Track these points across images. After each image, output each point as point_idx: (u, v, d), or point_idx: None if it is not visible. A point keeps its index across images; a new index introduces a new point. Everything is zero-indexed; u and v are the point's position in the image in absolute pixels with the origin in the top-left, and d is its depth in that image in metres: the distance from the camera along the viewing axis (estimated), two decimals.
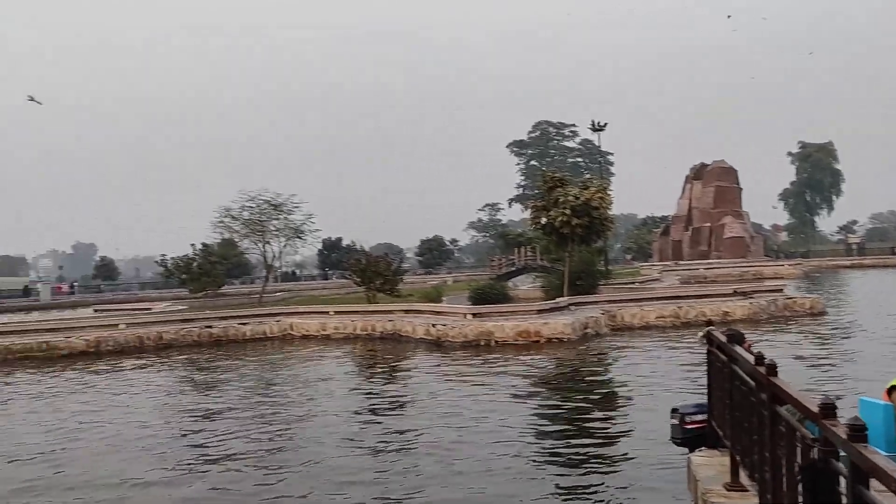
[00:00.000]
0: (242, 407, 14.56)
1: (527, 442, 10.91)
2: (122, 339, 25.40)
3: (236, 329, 27.09)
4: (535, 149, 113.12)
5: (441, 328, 23.26)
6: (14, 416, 14.85)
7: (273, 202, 36.81)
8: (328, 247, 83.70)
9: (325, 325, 26.99)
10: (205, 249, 47.97)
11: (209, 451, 11.09)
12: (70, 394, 17.19)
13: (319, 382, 17.56)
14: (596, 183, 30.97)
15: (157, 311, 34.57)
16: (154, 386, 18.09)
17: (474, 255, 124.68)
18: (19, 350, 24.10)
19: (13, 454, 11.48)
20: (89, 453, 11.31)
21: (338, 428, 12.27)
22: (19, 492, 9.47)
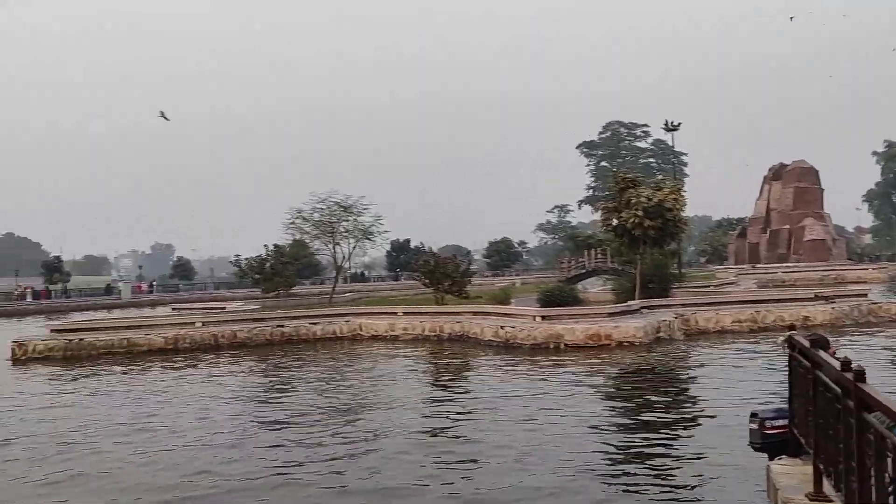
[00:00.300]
0: (313, 405, 14.74)
1: (598, 445, 10.71)
2: (198, 336, 26.12)
3: (307, 329, 27.51)
4: (606, 149, 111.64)
5: (510, 330, 23.12)
6: (94, 409, 15.37)
7: (343, 204, 37.34)
8: (396, 248, 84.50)
9: (394, 326, 27.16)
10: (277, 250, 49.03)
11: (281, 447, 11.27)
12: (150, 389, 17.72)
13: (388, 382, 17.67)
14: (669, 184, 30.30)
15: (230, 310, 35.43)
16: (228, 383, 18.50)
17: (543, 257, 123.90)
18: (103, 346, 25.04)
19: (94, 445, 11.88)
20: (167, 446, 11.61)
21: (408, 426, 12.30)
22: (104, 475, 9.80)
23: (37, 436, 12.72)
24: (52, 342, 25.05)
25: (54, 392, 18.22)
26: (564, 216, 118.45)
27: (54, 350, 24.66)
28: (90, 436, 12.57)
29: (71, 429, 13.32)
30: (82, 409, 15.42)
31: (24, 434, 12.92)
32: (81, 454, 11.33)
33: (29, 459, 11.11)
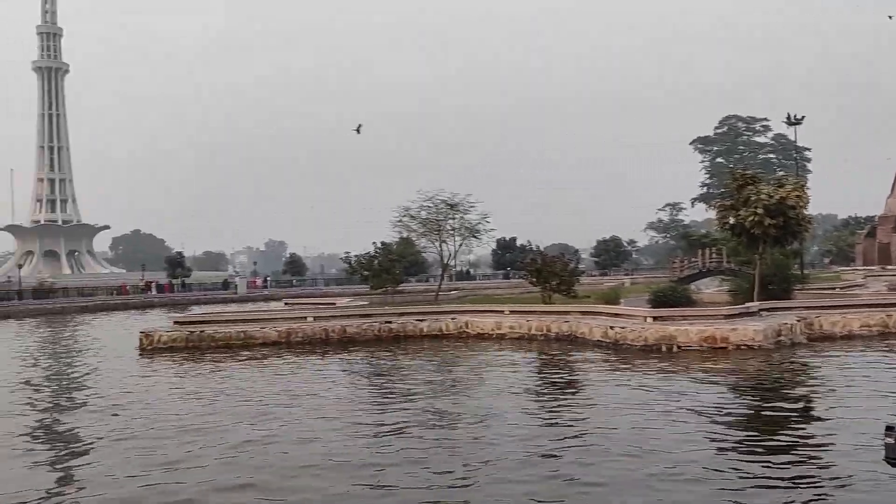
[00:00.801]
0: (419, 401, 14.76)
1: (718, 452, 10.16)
2: (309, 331, 26.78)
3: (414, 325, 27.71)
4: (722, 145, 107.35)
5: (619, 331, 22.50)
6: (216, 396, 15.95)
7: (449, 202, 37.40)
8: (502, 246, 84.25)
9: (500, 325, 26.95)
10: (384, 248, 49.76)
11: (384, 441, 11.29)
12: (265, 379, 18.26)
13: (495, 382, 17.48)
14: (792, 180, 28.69)
15: (340, 306, 36.18)
16: (339, 376, 18.82)
17: (653, 256, 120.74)
18: (221, 338, 26.07)
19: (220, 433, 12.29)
20: (280, 436, 11.86)
21: (514, 426, 12.09)
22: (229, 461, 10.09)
23: (164, 419, 13.32)
24: (176, 334, 26.30)
25: (178, 380, 19.09)
26: (676, 214, 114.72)
27: (177, 341, 25.88)
28: (215, 420, 13.07)
29: (196, 413, 13.93)
30: (205, 396, 16.10)
31: (153, 417, 13.56)
32: (207, 435, 11.78)
33: (155, 439, 11.63)
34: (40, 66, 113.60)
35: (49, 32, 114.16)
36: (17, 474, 10.32)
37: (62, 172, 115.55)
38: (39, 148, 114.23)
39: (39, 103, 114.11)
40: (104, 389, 17.79)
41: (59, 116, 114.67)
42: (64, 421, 14.31)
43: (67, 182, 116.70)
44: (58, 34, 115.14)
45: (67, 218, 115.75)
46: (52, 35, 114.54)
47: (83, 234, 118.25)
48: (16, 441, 12.36)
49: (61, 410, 15.59)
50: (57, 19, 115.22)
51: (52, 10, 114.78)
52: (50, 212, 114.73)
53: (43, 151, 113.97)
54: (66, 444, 12.34)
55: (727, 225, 28.13)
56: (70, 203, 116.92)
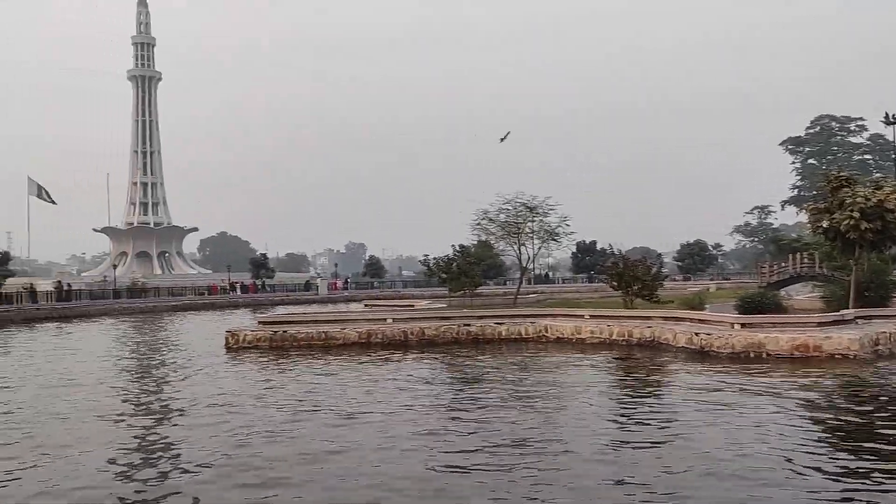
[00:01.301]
0: (497, 405, 14.64)
1: (817, 470, 9.66)
2: (389, 332, 27.00)
3: (493, 328, 27.59)
4: (814, 146, 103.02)
5: (705, 337, 21.84)
6: (299, 395, 16.23)
7: (528, 205, 37.11)
8: (582, 249, 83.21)
9: (580, 329, 26.55)
10: (463, 250, 49.83)
11: (460, 441, 11.22)
12: (346, 380, 18.48)
13: (577, 387, 17.20)
14: (890, 182, 27.24)
15: (419, 308, 36.43)
16: (419, 378, 18.87)
17: (740, 261, 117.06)
18: (303, 338, 26.59)
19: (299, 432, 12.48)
20: (364, 433, 11.95)
21: (594, 435, 11.83)
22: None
23: (252, 419, 13.63)
24: (260, 333, 26.97)
25: (263, 378, 19.52)
26: (765, 218, 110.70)
27: (261, 340, 26.53)
28: (295, 418, 13.27)
29: (279, 409, 14.20)
30: (289, 393, 16.42)
31: (239, 416, 13.90)
32: (294, 438, 11.97)
33: (248, 434, 11.90)
34: (135, 75, 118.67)
35: (143, 42, 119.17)
36: (112, 472, 10.68)
37: (154, 176, 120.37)
38: (133, 153, 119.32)
39: (134, 110, 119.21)
40: (192, 386, 18.38)
41: (151, 122, 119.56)
42: (154, 416, 14.80)
43: (159, 185, 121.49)
44: (151, 44, 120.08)
45: (159, 220, 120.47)
46: (146, 45, 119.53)
47: (173, 236, 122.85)
48: (115, 436, 12.85)
49: (153, 405, 16.16)
50: (151, 30, 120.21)
51: (146, 21, 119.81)
52: (143, 214, 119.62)
53: (137, 156, 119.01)
54: (159, 440, 12.73)
55: (820, 229, 26.96)
56: (161, 206, 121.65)
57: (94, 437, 12.52)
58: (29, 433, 12.96)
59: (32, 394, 17.54)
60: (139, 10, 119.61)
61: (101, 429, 13.31)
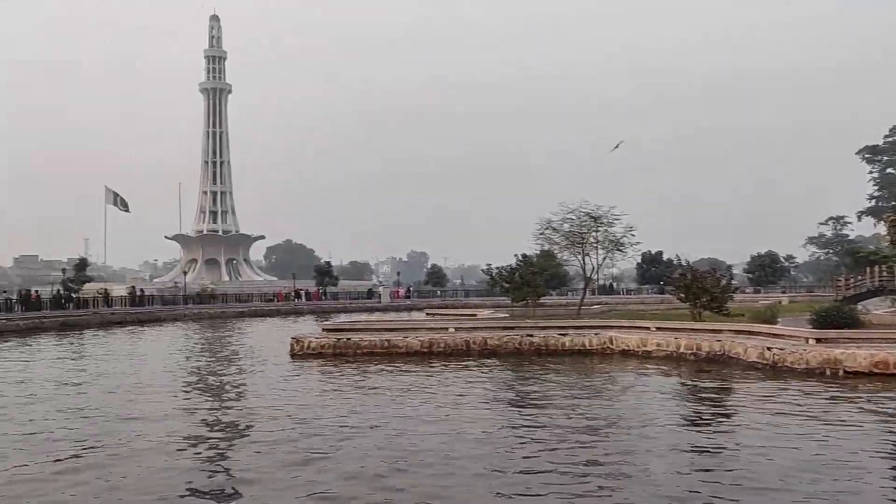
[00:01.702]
0: (561, 418, 14.39)
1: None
2: (451, 341, 26.92)
3: (556, 339, 27.23)
4: (893, 155, 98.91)
5: (777, 352, 21.09)
6: (362, 402, 16.28)
7: (592, 214, 36.61)
8: (648, 260, 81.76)
9: (646, 341, 25.96)
10: (525, 260, 49.46)
11: (522, 455, 11.04)
12: (407, 387, 18.48)
13: (645, 402, 16.79)
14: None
15: (481, 317, 36.27)
16: (481, 388, 18.74)
17: (814, 273, 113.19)
18: (366, 346, 26.73)
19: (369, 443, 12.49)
20: (426, 444, 11.88)
21: (661, 450, 11.49)
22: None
23: (317, 425, 13.72)
24: (324, 340, 27.23)
25: (327, 385, 19.69)
26: (841, 229, 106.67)
27: (325, 347, 26.78)
28: (358, 430, 13.29)
29: (343, 418, 14.24)
30: (353, 402, 16.46)
31: (305, 417, 14.01)
32: (352, 445, 11.99)
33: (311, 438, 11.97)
34: (206, 88, 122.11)
35: (215, 56, 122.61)
36: (182, 475, 10.85)
37: (223, 185, 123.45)
38: (204, 163, 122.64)
39: (205, 122, 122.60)
40: (256, 392, 18.70)
41: (221, 133, 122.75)
42: (223, 419, 15.03)
43: (228, 194, 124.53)
44: (222, 57, 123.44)
45: (227, 228, 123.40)
46: (218, 58, 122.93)
47: (241, 244, 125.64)
48: (181, 437, 13.10)
49: (221, 408, 16.43)
50: (222, 44, 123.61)
51: (217, 35, 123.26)
52: (212, 223, 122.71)
53: (207, 166, 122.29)
54: (224, 442, 12.91)
55: None
56: (230, 214, 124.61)
57: (161, 440, 12.77)
58: (97, 434, 13.30)
59: (104, 396, 18.07)
60: (211, 24, 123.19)
61: (167, 431, 13.58)
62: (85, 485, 10.00)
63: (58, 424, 14.30)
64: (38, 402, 17.21)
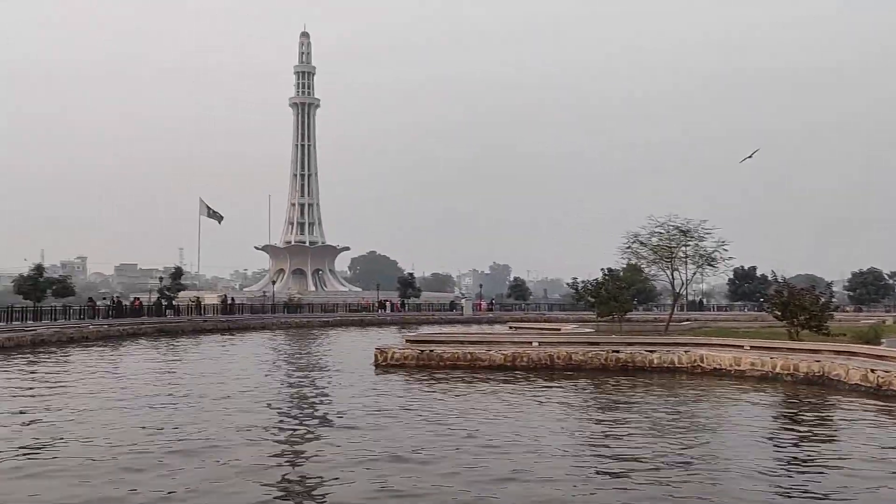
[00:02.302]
0: (648, 446, 13.88)
1: None
2: (535, 356, 26.54)
3: (643, 356, 26.47)
4: None
5: (883, 375, 19.86)
6: (444, 415, 16.17)
7: (682, 228, 35.64)
8: (740, 276, 79.09)
9: (739, 360, 24.93)
10: (611, 274, 48.54)
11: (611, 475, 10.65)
12: (489, 402, 18.26)
13: (737, 429, 16.05)
14: None
15: (565, 331, 35.71)
16: (565, 405, 18.35)
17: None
18: (449, 358, 26.66)
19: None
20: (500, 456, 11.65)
21: (751, 476, 10.89)
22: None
23: (400, 439, 13.69)
24: (408, 351, 27.32)
25: (411, 396, 19.67)
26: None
27: (409, 358, 26.85)
28: (444, 441, 13.18)
29: (430, 432, 14.13)
30: (438, 414, 16.37)
31: (390, 432, 14.00)
32: (437, 458, 11.88)
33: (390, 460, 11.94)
34: (296, 102, 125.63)
35: (304, 71, 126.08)
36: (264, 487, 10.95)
37: (311, 198, 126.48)
38: (293, 176, 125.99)
39: (294, 135, 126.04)
40: (341, 400, 18.80)
41: (310, 147, 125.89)
42: (311, 432, 15.17)
43: (315, 207, 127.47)
44: (311, 73, 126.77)
45: (314, 239, 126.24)
46: (307, 73, 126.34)
47: (326, 255, 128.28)
48: (265, 444, 13.28)
49: (305, 417, 16.61)
50: (311, 59, 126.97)
51: (307, 51, 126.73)
52: (299, 234, 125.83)
53: (295, 179, 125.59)
54: (307, 453, 13.00)
55: None
56: (317, 226, 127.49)
57: (246, 446, 12.97)
58: (187, 437, 13.62)
59: (196, 400, 18.57)
60: (301, 40, 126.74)
61: (254, 438, 13.78)
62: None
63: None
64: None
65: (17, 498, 9.63)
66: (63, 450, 12.58)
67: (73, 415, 16.27)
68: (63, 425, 14.89)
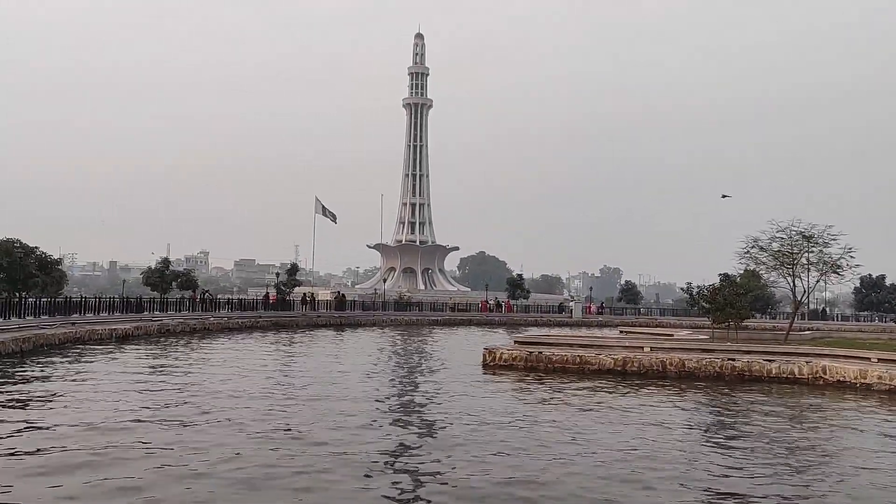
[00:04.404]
0: (764, 462, 13.45)
1: None
2: (646, 361, 26.07)
3: (761, 365, 25.50)
4: None
5: None
6: (555, 418, 16.19)
7: (806, 234, 34.08)
8: (867, 285, 74.69)
9: (866, 373, 23.61)
10: (728, 280, 46.90)
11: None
12: (600, 408, 18.13)
13: (867, 447, 15.31)
14: None
15: (678, 337, 34.82)
16: (677, 415, 17.99)
17: None
18: (557, 361, 26.56)
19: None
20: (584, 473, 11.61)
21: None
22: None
23: (511, 442, 13.87)
24: (516, 352, 27.41)
25: (521, 400, 19.73)
26: None
27: (517, 360, 26.95)
28: (558, 450, 13.25)
29: (542, 440, 14.22)
30: (551, 420, 16.33)
31: (500, 439, 14.20)
32: (549, 466, 11.98)
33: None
34: (409, 103, 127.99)
35: (418, 72, 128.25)
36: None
37: (422, 198, 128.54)
38: (405, 176, 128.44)
39: (407, 136, 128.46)
40: (450, 401, 19.08)
41: (422, 147, 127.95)
42: (410, 427, 15.56)
43: (426, 206, 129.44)
44: (425, 73, 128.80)
45: (424, 239, 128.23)
46: (421, 74, 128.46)
47: (436, 254, 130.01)
48: (371, 440, 13.75)
49: (412, 416, 17.02)
50: (425, 60, 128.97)
51: (421, 52, 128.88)
52: (410, 233, 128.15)
53: (408, 179, 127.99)
54: (411, 454, 13.36)
55: None
56: (427, 225, 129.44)
57: (353, 441, 13.46)
58: (291, 435, 14.26)
59: (308, 394, 19.38)
60: (416, 41, 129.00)
61: (360, 432, 14.28)
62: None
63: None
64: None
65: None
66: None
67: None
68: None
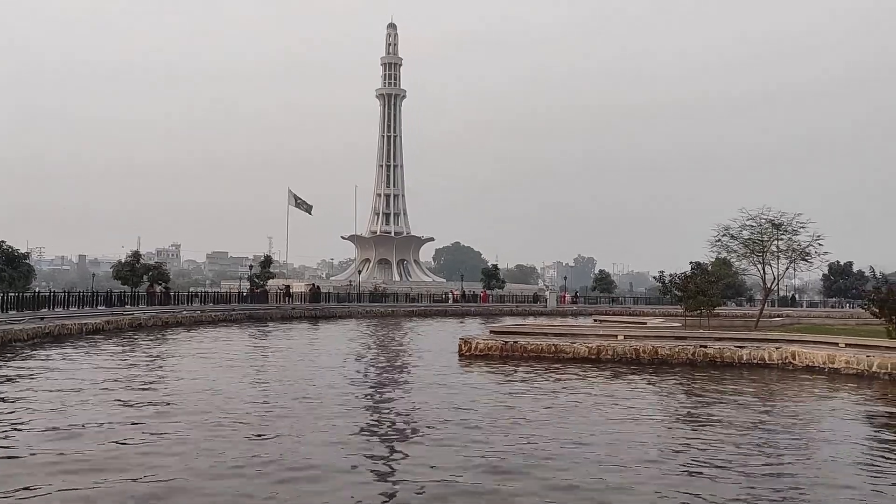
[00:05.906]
0: (734, 442, 13.74)
1: None
2: (620, 349, 26.41)
3: (732, 352, 25.96)
4: None
5: None
6: (527, 406, 16.37)
7: (775, 222, 34.64)
8: (835, 272, 76.03)
9: (833, 358, 24.15)
10: (700, 268, 47.55)
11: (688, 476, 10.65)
12: (575, 394, 18.35)
13: (834, 432, 15.67)
14: None
15: (651, 325, 35.33)
16: (650, 400, 18.27)
17: None
18: (532, 350, 26.82)
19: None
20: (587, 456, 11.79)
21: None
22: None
23: (486, 429, 14.00)
24: (491, 342, 27.61)
25: (497, 389, 19.86)
26: None
27: (492, 349, 27.15)
28: (537, 440, 13.40)
29: (518, 429, 14.37)
30: (526, 409, 16.40)
31: (477, 427, 14.32)
32: (526, 456, 12.13)
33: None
34: (382, 94, 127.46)
35: (391, 63, 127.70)
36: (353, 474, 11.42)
37: (396, 188, 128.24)
38: (379, 166, 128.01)
39: (380, 126, 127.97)
40: (427, 390, 19.20)
41: (396, 138, 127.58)
42: (397, 415, 15.65)
43: (400, 197, 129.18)
44: (398, 64, 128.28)
45: (399, 230, 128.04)
46: (394, 65, 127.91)
47: (411, 245, 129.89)
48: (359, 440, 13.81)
49: (390, 410, 17.11)
50: (398, 51, 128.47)
51: (394, 42, 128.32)
52: (385, 224, 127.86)
53: (381, 169, 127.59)
54: (397, 450, 13.46)
55: None
56: (402, 216, 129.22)
57: (329, 434, 13.52)
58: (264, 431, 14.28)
59: (283, 388, 19.39)
60: (388, 31, 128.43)
61: (339, 427, 14.33)
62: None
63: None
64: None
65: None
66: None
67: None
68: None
